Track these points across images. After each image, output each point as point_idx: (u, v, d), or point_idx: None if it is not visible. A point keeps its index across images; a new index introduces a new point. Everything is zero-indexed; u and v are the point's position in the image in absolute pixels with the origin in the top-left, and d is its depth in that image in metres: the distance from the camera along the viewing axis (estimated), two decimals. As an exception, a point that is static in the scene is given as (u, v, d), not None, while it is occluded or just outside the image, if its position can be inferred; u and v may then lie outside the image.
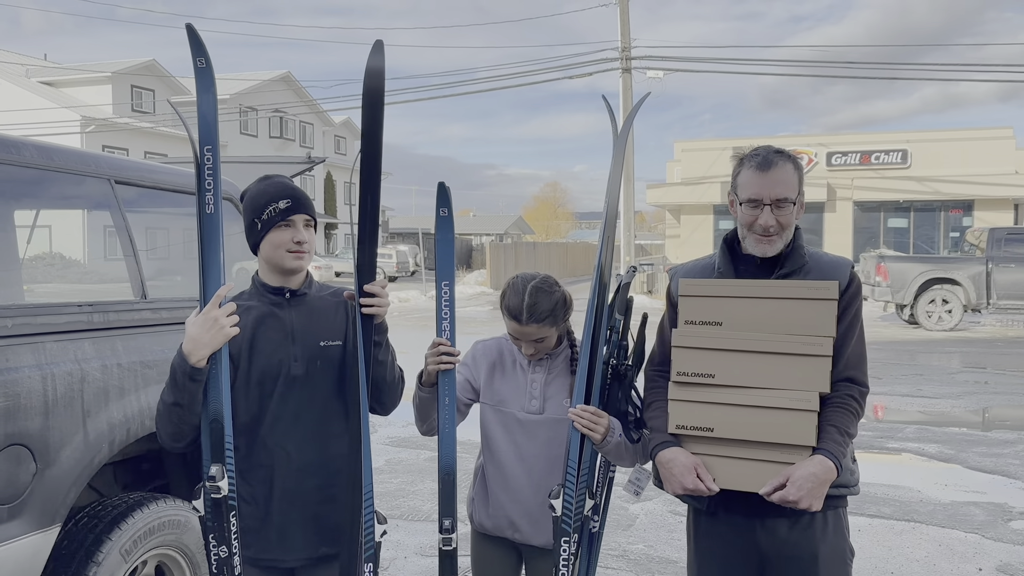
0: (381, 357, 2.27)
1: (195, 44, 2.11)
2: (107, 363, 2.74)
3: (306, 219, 2.27)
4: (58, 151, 2.81)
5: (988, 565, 4.44)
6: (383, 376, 2.30)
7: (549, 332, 2.45)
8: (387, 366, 2.30)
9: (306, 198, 2.29)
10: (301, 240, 2.23)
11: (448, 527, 2.36)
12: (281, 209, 2.21)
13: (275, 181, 2.29)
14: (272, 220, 2.21)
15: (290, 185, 2.29)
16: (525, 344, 2.47)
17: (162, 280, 4.39)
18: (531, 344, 2.46)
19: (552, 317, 2.43)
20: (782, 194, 2.12)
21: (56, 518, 2.52)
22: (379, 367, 2.28)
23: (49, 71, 36.87)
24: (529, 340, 2.45)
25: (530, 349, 2.47)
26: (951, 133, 29.89)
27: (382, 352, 2.27)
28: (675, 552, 4.57)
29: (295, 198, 2.24)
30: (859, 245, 27.77)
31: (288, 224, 2.23)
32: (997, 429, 7.81)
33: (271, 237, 2.23)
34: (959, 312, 15.79)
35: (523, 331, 2.44)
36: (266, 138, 42.32)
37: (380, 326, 2.26)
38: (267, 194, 2.24)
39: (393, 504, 5.41)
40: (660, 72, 24.49)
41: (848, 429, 2.08)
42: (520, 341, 2.47)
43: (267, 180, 2.30)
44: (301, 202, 2.25)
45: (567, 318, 2.50)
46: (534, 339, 2.45)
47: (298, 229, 2.24)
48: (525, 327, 2.43)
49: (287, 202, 2.22)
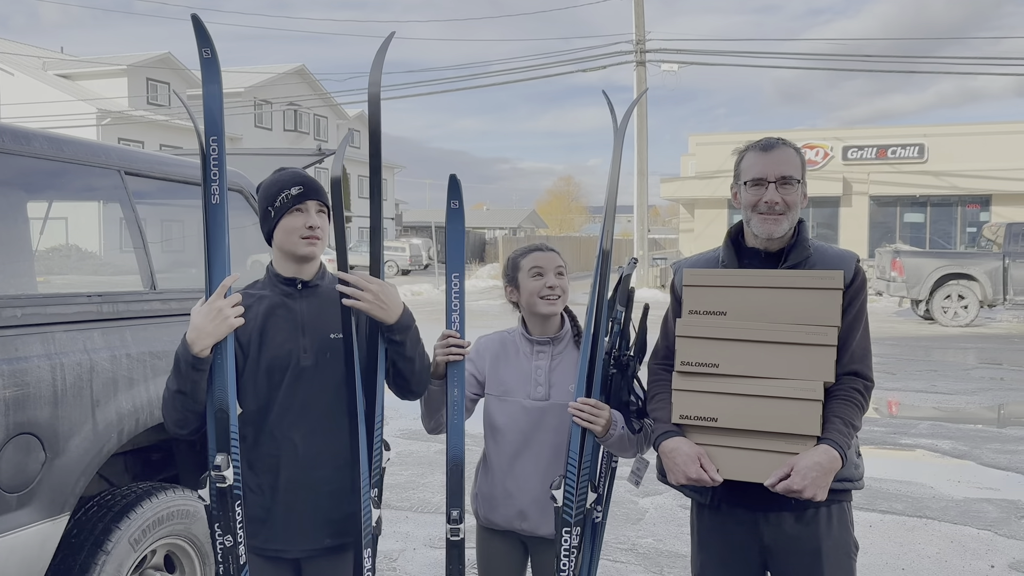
0: (409, 354, 2.25)
1: (201, 35, 2.11)
2: (116, 353, 2.75)
3: (319, 206, 2.27)
4: (68, 142, 2.82)
5: (1000, 562, 4.40)
6: (411, 371, 2.28)
7: (565, 268, 2.50)
8: (415, 361, 2.27)
9: (319, 185, 2.30)
10: (313, 225, 2.24)
11: (456, 517, 2.37)
12: (293, 195, 2.23)
13: (288, 171, 2.32)
14: (285, 206, 2.22)
15: (302, 173, 2.30)
16: (549, 275, 2.46)
17: (177, 272, 4.41)
18: (554, 274, 2.47)
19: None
20: (786, 172, 2.12)
21: (65, 507, 2.54)
22: (407, 363, 2.26)
23: (65, 64, 37.09)
24: (553, 268, 2.48)
25: (553, 280, 2.46)
26: (968, 127, 29.59)
27: (408, 348, 2.24)
28: (684, 546, 4.55)
29: (307, 184, 2.26)
30: (875, 240, 27.56)
31: (301, 210, 2.23)
32: (1012, 426, 7.75)
33: (284, 223, 2.24)
34: (975, 308, 15.65)
35: (547, 256, 2.49)
36: (280, 131, 42.42)
37: (401, 324, 2.22)
38: (279, 182, 2.27)
39: (403, 496, 5.42)
40: (674, 65, 24.39)
41: (853, 421, 2.06)
42: (543, 276, 2.46)
43: (281, 171, 2.34)
44: (313, 188, 2.27)
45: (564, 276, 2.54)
46: (556, 266, 2.48)
47: (310, 214, 2.24)
48: (547, 253, 2.50)
49: (299, 188, 2.23)
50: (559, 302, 2.47)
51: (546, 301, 2.46)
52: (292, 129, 43.13)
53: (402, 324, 2.22)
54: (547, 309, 2.47)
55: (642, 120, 23.92)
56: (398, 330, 2.21)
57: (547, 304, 2.46)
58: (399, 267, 37.64)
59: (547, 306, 2.47)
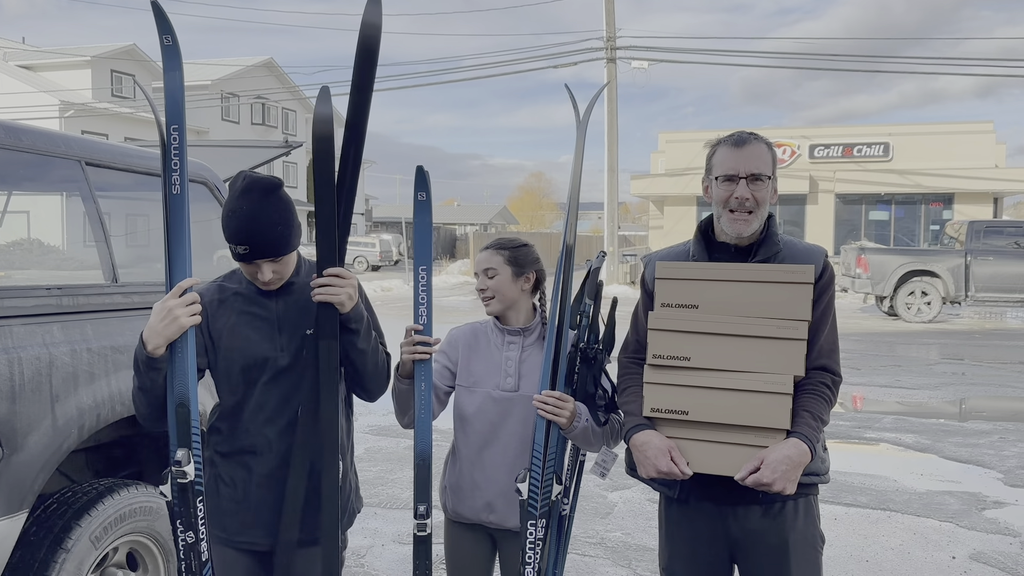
0: (361, 346, 2.22)
1: (161, 21, 2.07)
2: (76, 347, 2.70)
3: (271, 260, 2.15)
4: (26, 131, 2.76)
5: (961, 553, 4.48)
6: (363, 364, 2.26)
7: (501, 269, 2.47)
8: (367, 354, 2.25)
9: (270, 238, 2.11)
10: (267, 280, 2.17)
11: (423, 512, 2.35)
12: (240, 254, 2.13)
13: (237, 220, 2.10)
14: (237, 256, 2.15)
15: (248, 228, 2.10)
16: (479, 278, 2.50)
17: (142, 266, 4.33)
18: (483, 276, 2.49)
19: (509, 253, 2.49)
20: (757, 169, 2.13)
21: (23, 504, 2.48)
22: (359, 355, 2.24)
23: (27, 55, 36.39)
24: (481, 270, 2.49)
25: (483, 283, 2.49)
26: (933, 127, 30.09)
27: (361, 340, 2.22)
28: (653, 540, 4.57)
29: (253, 245, 2.10)
30: (840, 237, 27.92)
31: (254, 264, 2.15)
32: (973, 420, 7.89)
33: (242, 266, 2.20)
34: (938, 304, 15.92)
35: (479, 259, 2.50)
36: (248, 124, 41.96)
37: (354, 314, 2.20)
38: (229, 228, 2.11)
39: (372, 492, 5.39)
40: (645, 63, 24.49)
41: (822, 415, 2.08)
42: (478, 278, 2.52)
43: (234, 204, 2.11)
44: (259, 248, 2.11)
45: (525, 271, 2.50)
46: (485, 268, 2.49)
47: (261, 269, 2.15)
48: (481, 253, 2.50)
49: (245, 248, 2.11)
50: (493, 303, 2.49)
51: (483, 300, 2.52)
52: (260, 123, 42.69)
53: (357, 313, 2.20)
54: (486, 310, 2.53)
55: (612, 117, 24.00)
56: (354, 319, 2.19)
57: (484, 305, 2.52)
58: (369, 263, 37.43)
59: (485, 307, 2.52)
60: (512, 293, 2.48)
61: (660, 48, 24.93)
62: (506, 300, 2.48)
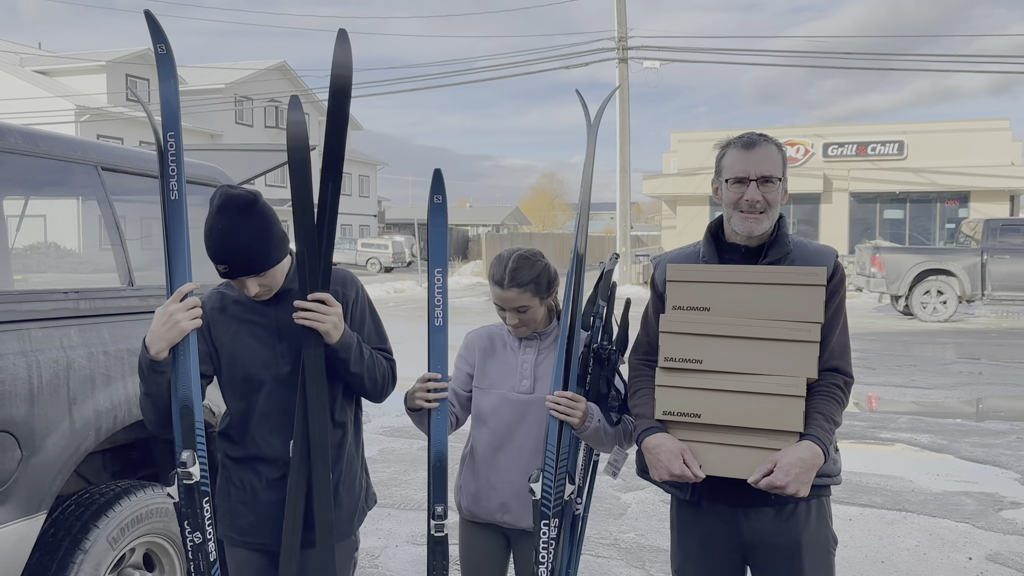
0: (354, 370, 2.20)
1: (155, 31, 2.10)
2: (93, 350, 2.72)
3: (255, 276, 2.13)
4: (43, 137, 2.79)
5: (978, 554, 4.45)
6: (361, 383, 2.25)
7: (531, 302, 2.41)
8: (363, 375, 2.23)
9: (245, 257, 2.08)
10: (254, 294, 2.16)
11: (440, 513, 2.37)
12: (221, 271, 2.12)
13: (214, 237, 2.07)
14: (220, 274, 2.14)
15: (225, 246, 2.07)
16: (509, 314, 2.44)
17: (158, 270, 4.36)
18: (514, 313, 2.42)
19: (534, 284, 2.40)
20: (767, 171, 2.12)
21: (42, 505, 2.51)
22: (354, 378, 2.23)
23: (44, 60, 36.66)
24: (511, 308, 2.42)
25: (514, 319, 2.43)
26: (948, 124, 29.88)
27: (353, 365, 2.19)
28: (666, 541, 4.54)
29: (231, 263, 2.08)
30: (855, 236, 27.78)
31: (236, 280, 2.15)
32: (990, 420, 7.83)
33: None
34: (954, 303, 15.81)
35: (504, 296, 2.41)
36: (261, 128, 42.12)
37: (341, 345, 2.15)
38: (208, 247, 2.09)
39: (385, 493, 5.40)
40: (656, 62, 24.44)
41: (834, 417, 2.07)
42: (504, 312, 2.45)
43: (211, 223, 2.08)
44: (239, 267, 2.09)
45: (551, 291, 2.48)
46: (515, 307, 2.41)
47: (246, 285, 2.14)
48: (505, 292, 2.40)
49: (224, 267, 2.09)
50: (524, 330, 2.48)
51: (514, 331, 2.49)
52: (273, 126, 42.83)
53: (344, 343, 2.17)
54: (515, 333, 2.51)
55: (624, 117, 23.96)
56: (341, 350, 2.16)
57: (515, 332, 2.50)
58: (382, 264, 37.52)
59: (516, 333, 2.50)
60: (541, 314, 2.48)
61: (672, 48, 24.88)
62: (537, 324, 2.49)
